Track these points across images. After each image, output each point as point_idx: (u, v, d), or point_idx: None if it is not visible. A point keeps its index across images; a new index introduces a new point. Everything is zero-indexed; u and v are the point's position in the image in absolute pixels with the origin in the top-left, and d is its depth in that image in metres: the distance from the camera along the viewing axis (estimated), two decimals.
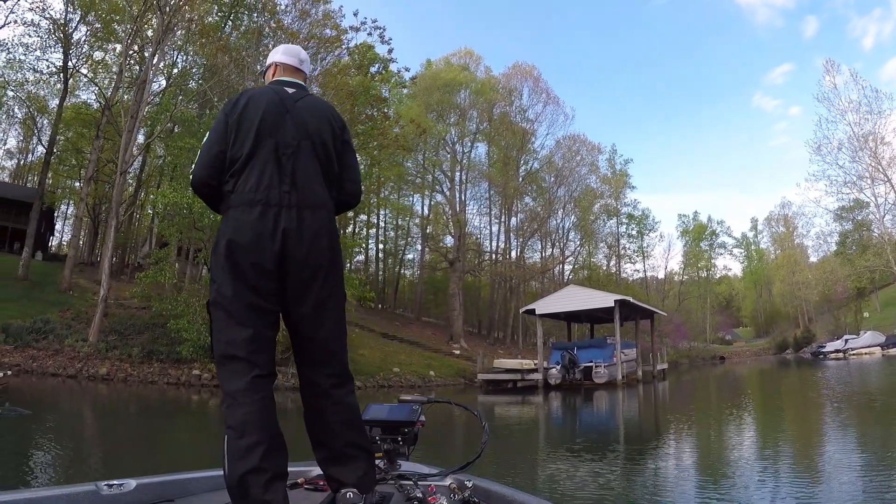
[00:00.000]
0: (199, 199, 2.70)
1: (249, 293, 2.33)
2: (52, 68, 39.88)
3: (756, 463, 9.70)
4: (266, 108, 2.50)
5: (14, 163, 66.47)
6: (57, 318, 26.58)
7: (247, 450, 2.18)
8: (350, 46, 34.61)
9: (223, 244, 2.36)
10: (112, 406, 19.08)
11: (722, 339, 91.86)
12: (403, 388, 30.91)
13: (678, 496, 7.76)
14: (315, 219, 2.42)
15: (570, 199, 61.62)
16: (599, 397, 27.39)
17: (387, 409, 3.06)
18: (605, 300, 34.54)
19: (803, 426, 14.39)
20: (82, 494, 2.20)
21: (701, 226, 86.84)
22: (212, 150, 2.49)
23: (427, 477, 2.79)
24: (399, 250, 63.45)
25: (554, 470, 9.83)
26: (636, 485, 8.68)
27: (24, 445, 9.93)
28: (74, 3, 36.35)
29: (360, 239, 56.40)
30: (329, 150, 2.58)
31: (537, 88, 59.28)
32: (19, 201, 44.71)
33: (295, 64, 2.85)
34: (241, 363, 2.30)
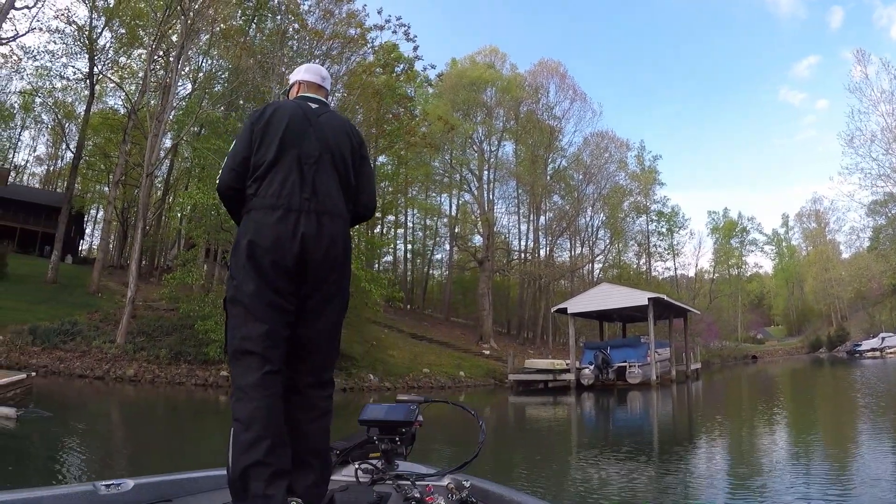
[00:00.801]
0: (223, 203, 2.80)
1: (269, 292, 2.41)
2: (79, 75, 40.32)
3: (797, 471, 9.20)
4: (290, 119, 2.65)
5: (44, 169, 67.59)
6: (85, 319, 26.52)
7: (251, 444, 2.21)
8: (375, 45, 34.32)
9: (244, 244, 2.46)
10: (137, 407, 18.92)
11: (753, 338, 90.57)
12: (433, 389, 30.61)
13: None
14: (333, 225, 2.54)
15: (598, 197, 60.79)
16: (634, 398, 26.87)
17: (384, 410, 3.07)
18: (638, 298, 33.96)
19: (847, 430, 13.76)
20: (80, 494, 2.23)
21: (731, 222, 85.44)
22: (237, 156, 2.62)
23: (425, 477, 2.83)
24: (427, 250, 63.37)
25: (588, 475, 9.49)
26: (673, 492, 8.28)
27: (40, 448, 9.70)
28: (99, 9, 36.68)
29: (388, 239, 56.26)
30: (347, 163, 2.72)
31: (564, 85, 58.71)
32: (49, 206, 45.38)
33: (318, 81, 3.00)
34: (255, 358, 2.35)
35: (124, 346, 24.42)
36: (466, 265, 59.58)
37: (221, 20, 32.42)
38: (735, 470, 9.70)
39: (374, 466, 2.92)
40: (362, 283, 24.75)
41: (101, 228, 38.05)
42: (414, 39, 33.99)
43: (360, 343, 30.09)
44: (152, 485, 2.48)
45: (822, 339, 79.55)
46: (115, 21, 37.54)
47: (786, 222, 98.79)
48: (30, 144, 78.27)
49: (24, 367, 20.46)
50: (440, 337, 43.77)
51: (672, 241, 73.30)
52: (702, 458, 11.21)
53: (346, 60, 33.81)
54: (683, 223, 73.86)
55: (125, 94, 40.06)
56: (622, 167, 63.68)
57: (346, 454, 3.07)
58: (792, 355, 76.50)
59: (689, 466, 10.23)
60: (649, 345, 33.06)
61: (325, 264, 2.50)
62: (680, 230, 73.72)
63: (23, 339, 23.41)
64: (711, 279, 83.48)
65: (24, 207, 47.28)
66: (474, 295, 53.53)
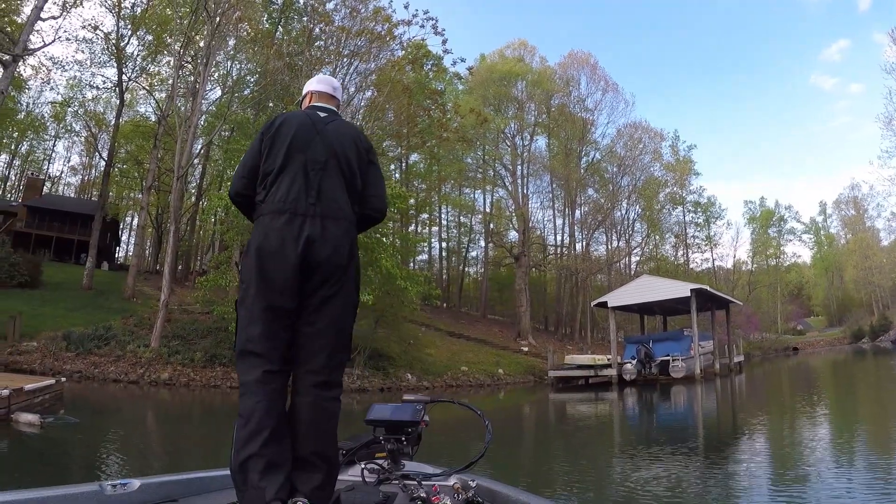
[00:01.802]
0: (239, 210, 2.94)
1: (272, 293, 2.48)
2: (108, 83, 40.84)
3: (859, 472, 8.59)
4: (298, 128, 2.73)
5: (78, 179, 68.65)
6: (119, 324, 26.59)
7: (250, 437, 2.30)
8: (403, 41, 33.91)
9: (253, 248, 2.54)
10: (169, 411, 18.73)
11: (794, 330, 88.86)
12: (472, 387, 30.26)
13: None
14: (337, 228, 2.59)
15: (633, 189, 59.89)
16: (678, 393, 26.30)
17: (390, 409, 3.10)
18: (680, 290, 33.11)
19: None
20: (86, 494, 2.25)
21: (768, 212, 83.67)
22: (247, 164, 2.74)
23: (431, 477, 2.84)
24: (462, 248, 63.01)
25: (637, 478, 8.94)
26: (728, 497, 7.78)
27: (57, 455, 9.41)
28: (125, 17, 37.09)
29: (423, 236, 56.11)
30: (353, 168, 2.76)
31: (595, 76, 57.98)
32: (84, 214, 46.27)
33: (329, 91, 3.09)
34: (256, 358, 2.44)
35: (159, 349, 24.34)
36: (502, 261, 59.16)
37: (247, 22, 32.32)
38: (794, 473, 9.02)
39: (381, 466, 2.91)
40: (398, 280, 24.31)
41: (136, 234, 38.28)
42: (442, 33, 33.24)
43: (398, 342, 29.80)
44: (158, 485, 2.52)
45: (864, 328, 77.70)
46: (142, 29, 38.05)
47: (823, 210, 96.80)
48: (64, 155, 79.95)
49: (57, 372, 20.45)
50: (478, 334, 43.43)
51: (709, 232, 72.16)
52: (755, 458, 10.50)
53: (374, 58, 33.49)
54: (720, 213, 72.71)
55: (155, 101, 40.36)
56: (657, 158, 62.72)
57: (353, 454, 3.07)
58: (833, 346, 74.93)
59: (740, 468, 9.63)
60: (692, 337, 32.26)
61: (329, 266, 2.54)
62: (717, 220, 72.60)
63: (56, 345, 23.43)
64: (750, 270, 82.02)
65: (59, 216, 48.25)
66: (511, 291, 53.16)
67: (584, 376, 32.87)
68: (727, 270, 78.21)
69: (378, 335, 28.04)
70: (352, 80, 34.03)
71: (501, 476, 9.73)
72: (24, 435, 10.85)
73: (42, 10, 28.64)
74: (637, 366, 30.94)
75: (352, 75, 33.79)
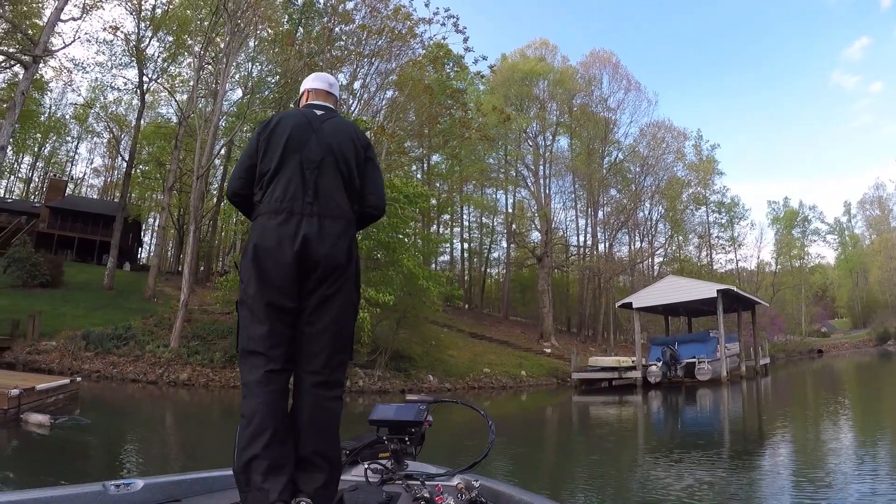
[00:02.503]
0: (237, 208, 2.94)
1: (270, 292, 2.47)
2: (130, 85, 41.33)
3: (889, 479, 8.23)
4: (294, 127, 2.71)
5: (101, 180, 69.32)
6: (139, 324, 26.54)
7: (252, 438, 2.32)
8: (423, 39, 33.70)
9: (251, 248, 2.55)
10: (186, 411, 18.54)
11: (818, 332, 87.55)
12: (494, 388, 29.89)
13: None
14: (335, 226, 2.58)
15: (657, 190, 59.15)
16: (705, 396, 25.87)
17: (394, 409, 3.09)
18: (706, 290, 32.59)
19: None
20: (90, 494, 2.26)
21: (792, 212, 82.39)
22: (243, 164, 2.75)
23: (434, 477, 2.84)
24: (484, 249, 62.76)
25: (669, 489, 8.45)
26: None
27: (61, 458, 9.10)
28: (145, 19, 37.47)
29: (445, 236, 55.92)
30: (351, 165, 2.75)
31: (617, 75, 57.25)
32: (106, 215, 46.56)
33: (325, 88, 3.05)
34: (258, 358, 2.44)
35: (178, 349, 24.23)
36: (524, 262, 58.78)
37: (266, 21, 32.28)
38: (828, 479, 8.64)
39: (384, 466, 2.91)
40: (420, 280, 24.01)
41: (156, 234, 38.44)
42: (463, 31, 33.13)
43: (419, 343, 29.53)
44: (161, 485, 2.51)
45: (889, 331, 76.28)
46: (162, 30, 38.39)
47: (848, 210, 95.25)
48: (87, 157, 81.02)
49: (76, 372, 20.44)
50: (500, 336, 43.06)
51: (733, 233, 71.30)
52: (786, 465, 10.13)
53: (395, 58, 33.32)
54: (744, 214, 71.81)
55: (176, 102, 40.56)
56: (680, 158, 61.67)
57: (356, 454, 3.06)
58: (859, 348, 73.81)
59: (773, 475, 9.31)
60: (719, 339, 31.67)
61: (327, 265, 2.53)
62: (740, 221, 71.72)
63: (76, 344, 23.39)
64: (774, 271, 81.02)
65: (81, 217, 48.74)
66: (533, 293, 52.93)
67: (608, 378, 32.42)
68: (750, 272, 77.31)
69: (399, 336, 27.74)
70: (373, 80, 33.93)
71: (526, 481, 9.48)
72: (33, 436, 10.60)
73: (62, 12, 28.86)
74: (662, 368, 30.48)
75: (372, 75, 33.69)
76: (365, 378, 24.89)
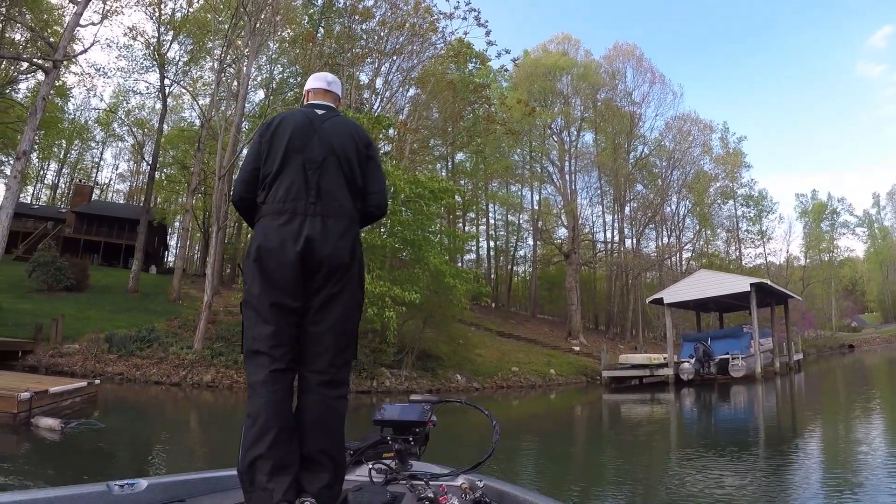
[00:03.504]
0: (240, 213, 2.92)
1: (274, 292, 2.49)
2: (152, 89, 42.23)
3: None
4: (295, 128, 2.72)
5: (127, 185, 70.21)
6: (163, 326, 26.42)
7: (257, 438, 2.31)
8: (445, 33, 33.36)
9: (254, 249, 2.56)
10: (211, 413, 18.21)
11: (848, 327, 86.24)
12: (523, 388, 29.39)
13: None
14: (338, 226, 2.60)
15: (683, 184, 58.24)
16: (740, 393, 25.24)
17: (398, 410, 3.10)
18: (738, 285, 31.88)
19: None
20: (94, 494, 2.25)
21: (820, 205, 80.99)
22: (247, 167, 2.76)
23: (438, 477, 2.83)
24: (510, 246, 62.54)
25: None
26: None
27: (64, 467, 8.60)
28: (165, 23, 37.92)
29: (472, 234, 55.52)
30: (353, 164, 2.76)
31: (641, 68, 56.32)
32: (131, 219, 47.12)
33: (323, 86, 3.04)
34: (263, 357, 2.45)
35: (202, 351, 23.99)
36: (551, 259, 58.32)
37: (286, 20, 32.20)
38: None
39: (388, 466, 2.90)
40: (446, 278, 23.53)
41: (180, 236, 38.62)
42: (485, 24, 32.69)
43: (446, 342, 29.15)
44: (165, 485, 2.51)
45: None
46: (183, 34, 38.89)
47: (877, 202, 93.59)
48: (112, 163, 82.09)
49: (99, 375, 20.40)
50: (528, 334, 42.68)
51: (761, 227, 70.22)
52: (840, 468, 9.46)
53: (416, 54, 33.04)
54: (772, 207, 70.69)
55: (198, 107, 40.85)
56: (707, 151, 60.65)
57: (360, 454, 3.06)
58: (890, 343, 72.37)
59: (824, 480, 8.60)
60: (752, 334, 30.92)
61: (331, 264, 2.53)
62: (768, 215, 70.57)
63: (98, 347, 23.26)
64: (803, 266, 79.84)
65: (106, 222, 49.47)
66: (560, 290, 52.73)
67: (639, 376, 31.92)
68: (778, 266, 76.13)
69: (426, 335, 27.35)
70: (395, 78, 33.68)
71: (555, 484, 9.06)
72: (42, 441, 10.21)
73: (81, 17, 29.00)
74: (695, 365, 29.78)
75: (394, 73, 33.44)
76: (392, 378, 24.50)
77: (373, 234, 22.13)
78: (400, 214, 23.47)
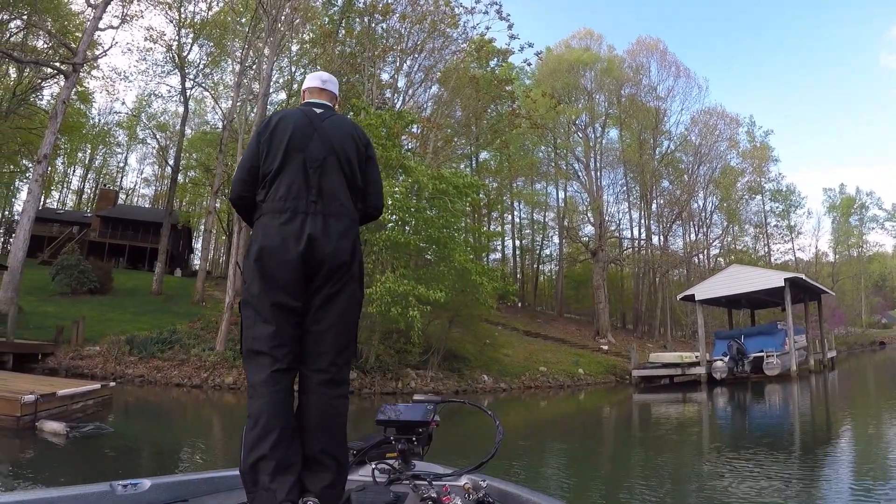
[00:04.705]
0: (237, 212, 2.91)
1: (275, 292, 2.47)
2: (173, 92, 42.92)
3: None
4: (295, 126, 2.69)
5: (152, 189, 71.07)
6: (185, 328, 26.21)
7: (258, 439, 2.30)
8: (466, 28, 32.97)
9: (255, 248, 2.53)
10: (232, 416, 17.56)
11: (878, 323, 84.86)
12: (552, 388, 28.81)
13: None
14: (339, 225, 2.59)
15: (710, 179, 57.40)
16: (777, 392, 24.54)
17: (401, 410, 3.09)
18: (772, 280, 31.02)
19: None
20: (97, 494, 2.27)
21: (849, 199, 79.76)
22: (245, 166, 2.72)
23: (442, 477, 2.82)
24: (536, 245, 62.20)
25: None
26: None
27: (59, 474, 8.06)
28: (185, 24, 38.49)
29: (498, 232, 55.31)
30: (353, 164, 2.75)
31: (665, 62, 55.48)
32: (155, 223, 47.61)
33: (319, 85, 3.01)
34: (263, 358, 2.43)
35: (224, 353, 23.68)
36: (578, 258, 57.79)
37: (306, 17, 31.99)
38: None
39: (391, 466, 2.87)
40: (473, 276, 22.97)
41: (203, 238, 38.69)
42: (507, 18, 32.26)
43: (473, 342, 28.66)
44: (169, 485, 2.50)
45: None
46: (203, 37, 39.50)
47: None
48: (137, 168, 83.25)
49: (119, 377, 20.40)
50: (555, 333, 42.19)
51: (789, 222, 69.13)
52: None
53: (437, 52, 32.68)
54: (800, 202, 69.60)
55: (220, 109, 41.13)
56: (733, 145, 59.58)
57: (363, 454, 3.03)
58: None
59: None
60: (787, 331, 30.10)
61: (332, 263, 2.51)
62: (796, 210, 69.50)
63: (119, 349, 23.07)
64: (832, 262, 78.55)
65: (131, 225, 50.23)
66: (587, 289, 52.38)
67: (669, 375, 31.24)
68: (807, 262, 74.90)
69: (452, 335, 26.84)
70: (416, 76, 33.40)
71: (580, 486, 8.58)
72: (43, 446, 9.69)
73: (100, 21, 29.05)
74: (729, 363, 29.04)
75: (416, 71, 33.16)
76: (417, 379, 24.04)
77: (397, 231, 21.68)
78: (424, 212, 22.99)
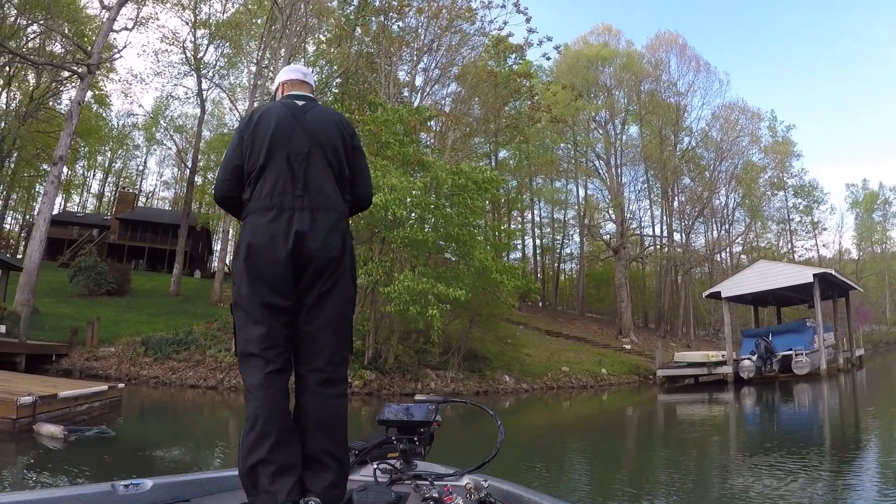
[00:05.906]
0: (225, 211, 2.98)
1: (265, 292, 2.41)
2: (189, 94, 43.62)
3: None
4: (277, 121, 2.61)
5: (172, 192, 71.92)
6: (202, 329, 25.98)
7: (256, 442, 2.27)
8: (484, 22, 32.56)
9: (243, 248, 2.47)
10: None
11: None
12: (574, 388, 28.27)
13: None
14: (328, 219, 2.52)
15: (732, 176, 56.62)
16: (806, 392, 23.83)
17: (403, 410, 3.08)
18: (800, 275, 30.41)
19: None
20: (99, 494, 2.26)
21: (872, 195, 78.36)
22: (228, 165, 2.63)
23: (443, 477, 2.82)
24: (556, 244, 61.87)
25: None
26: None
27: (41, 482, 7.39)
28: (201, 25, 39.08)
29: (518, 230, 55.33)
30: (339, 155, 2.68)
31: (685, 56, 54.92)
32: (174, 225, 47.92)
33: (300, 77, 2.95)
34: (256, 360, 2.38)
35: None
36: (599, 256, 57.52)
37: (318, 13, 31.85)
38: None
39: (393, 466, 2.86)
40: (493, 274, 22.44)
41: (220, 239, 38.68)
42: (525, 11, 31.69)
43: (494, 342, 28.21)
44: (170, 485, 2.48)
45: None
46: (218, 39, 40.06)
47: None
48: (156, 171, 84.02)
49: (134, 378, 20.36)
50: (577, 333, 41.81)
51: (813, 218, 68.12)
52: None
53: (452, 49, 32.52)
54: (823, 198, 68.55)
55: (237, 111, 41.42)
56: (755, 141, 58.68)
57: (365, 454, 3.02)
58: None
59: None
60: (816, 329, 29.39)
61: (321, 259, 2.45)
62: (819, 206, 68.45)
63: (134, 350, 22.94)
64: (855, 258, 77.41)
65: (150, 227, 50.72)
66: (608, 288, 52.17)
67: (694, 375, 30.58)
68: (829, 259, 73.83)
69: (473, 335, 26.40)
70: (433, 74, 33.08)
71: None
72: (37, 450, 9.11)
73: (115, 22, 29.07)
74: (757, 362, 28.37)
75: (433, 69, 32.83)
76: (437, 380, 23.60)
77: (416, 229, 21.23)
78: (443, 209, 22.52)
